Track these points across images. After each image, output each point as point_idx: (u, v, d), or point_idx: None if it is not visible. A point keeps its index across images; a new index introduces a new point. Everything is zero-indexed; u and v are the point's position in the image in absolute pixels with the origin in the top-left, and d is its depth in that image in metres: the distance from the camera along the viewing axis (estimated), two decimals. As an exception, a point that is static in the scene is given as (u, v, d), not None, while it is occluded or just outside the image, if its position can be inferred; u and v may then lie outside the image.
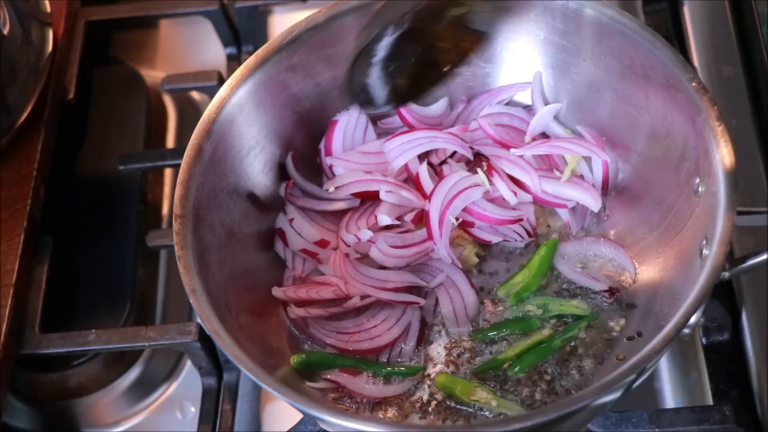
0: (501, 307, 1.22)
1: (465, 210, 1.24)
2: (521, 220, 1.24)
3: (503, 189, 1.25)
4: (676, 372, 1.26)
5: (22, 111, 1.36)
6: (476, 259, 1.25)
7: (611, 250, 1.23)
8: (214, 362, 1.29)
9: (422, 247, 1.23)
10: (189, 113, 1.60)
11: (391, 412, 1.16)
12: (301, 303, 1.22)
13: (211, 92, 1.43)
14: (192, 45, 1.67)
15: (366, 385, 1.17)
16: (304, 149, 1.29)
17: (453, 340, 1.20)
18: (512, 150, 1.27)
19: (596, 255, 1.24)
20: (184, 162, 1.15)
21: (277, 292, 1.23)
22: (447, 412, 1.15)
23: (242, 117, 1.21)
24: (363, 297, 1.21)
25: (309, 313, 1.20)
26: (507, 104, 1.32)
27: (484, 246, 1.26)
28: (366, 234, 1.23)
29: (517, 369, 1.16)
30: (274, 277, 1.25)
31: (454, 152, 1.29)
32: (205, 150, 1.16)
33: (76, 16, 1.56)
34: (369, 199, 1.27)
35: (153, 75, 1.62)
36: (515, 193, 1.25)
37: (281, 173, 1.27)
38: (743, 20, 1.43)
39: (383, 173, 1.27)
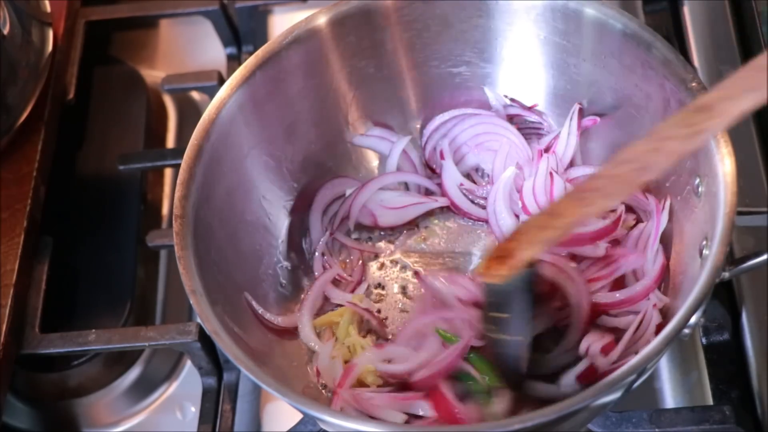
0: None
1: None
2: None
3: None
4: (676, 372, 1.25)
5: (22, 111, 1.36)
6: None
7: None
8: (214, 362, 1.29)
9: None
10: (189, 113, 1.59)
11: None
12: None
13: (211, 92, 1.43)
14: (192, 45, 1.67)
15: None
16: (304, 149, 1.29)
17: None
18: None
19: None
20: (184, 162, 1.15)
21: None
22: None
23: (242, 117, 1.20)
24: None
25: None
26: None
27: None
28: None
29: None
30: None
31: None
32: (205, 150, 1.16)
33: (76, 16, 1.56)
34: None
35: (153, 75, 1.62)
36: None
37: (281, 173, 1.27)
38: (743, 20, 1.43)
39: None
